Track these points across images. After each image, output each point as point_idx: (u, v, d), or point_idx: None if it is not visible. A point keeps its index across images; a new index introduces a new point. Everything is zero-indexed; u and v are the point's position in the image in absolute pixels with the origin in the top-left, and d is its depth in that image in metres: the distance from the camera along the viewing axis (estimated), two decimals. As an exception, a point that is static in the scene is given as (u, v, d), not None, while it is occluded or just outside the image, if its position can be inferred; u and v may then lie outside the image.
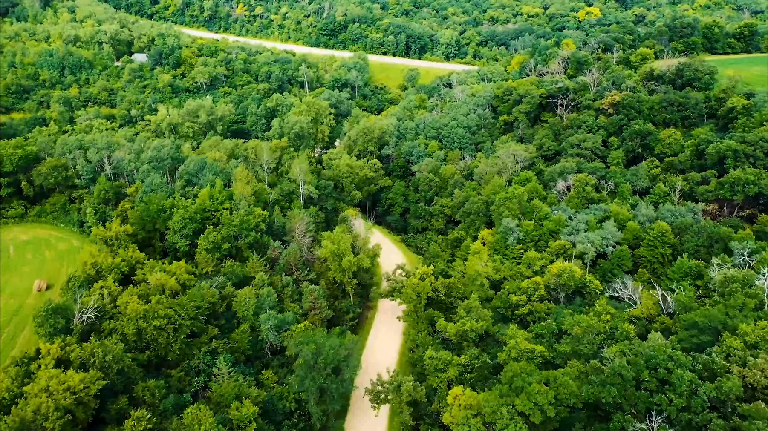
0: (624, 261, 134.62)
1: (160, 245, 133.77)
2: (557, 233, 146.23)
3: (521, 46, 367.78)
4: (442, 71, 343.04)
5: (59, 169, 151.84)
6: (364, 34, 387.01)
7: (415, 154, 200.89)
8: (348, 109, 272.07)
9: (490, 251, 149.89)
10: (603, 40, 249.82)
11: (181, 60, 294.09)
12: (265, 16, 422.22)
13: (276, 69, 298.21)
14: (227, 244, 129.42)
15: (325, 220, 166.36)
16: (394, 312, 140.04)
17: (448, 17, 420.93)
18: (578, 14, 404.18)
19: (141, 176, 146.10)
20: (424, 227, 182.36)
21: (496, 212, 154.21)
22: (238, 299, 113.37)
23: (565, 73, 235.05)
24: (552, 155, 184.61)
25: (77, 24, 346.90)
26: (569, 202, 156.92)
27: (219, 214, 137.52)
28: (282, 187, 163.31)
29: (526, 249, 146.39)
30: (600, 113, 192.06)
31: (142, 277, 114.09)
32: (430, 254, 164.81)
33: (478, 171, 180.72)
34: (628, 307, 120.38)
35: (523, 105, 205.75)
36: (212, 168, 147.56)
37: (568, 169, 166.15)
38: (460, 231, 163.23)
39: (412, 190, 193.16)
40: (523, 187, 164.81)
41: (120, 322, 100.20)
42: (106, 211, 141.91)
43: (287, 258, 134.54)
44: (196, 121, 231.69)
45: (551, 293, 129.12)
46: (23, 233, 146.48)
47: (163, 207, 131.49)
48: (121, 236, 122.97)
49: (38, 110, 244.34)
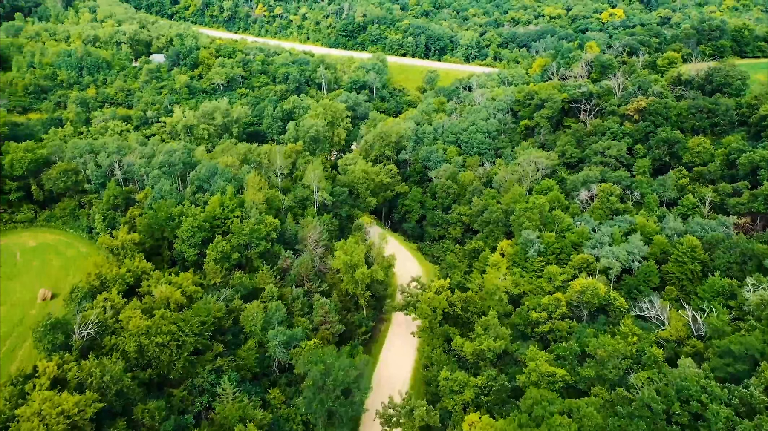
0: (651, 278, 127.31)
1: (168, 254, 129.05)
2: (580, 246, 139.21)
3: (543, 48, 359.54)
4: (462, 73, 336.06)
5: (69, 173, 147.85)
6: (383, 35, 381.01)
7: (432, 159, 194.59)
8: (366, 112, 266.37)
9: (509, 263, 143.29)
10: (628, 42, 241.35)
11: (198, 61, 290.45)
12: (284, 16, 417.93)
13: (294, 70, 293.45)
14: (237, 254, 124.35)
15: (339, 228, 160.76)
16: (408, 325, 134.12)
17: (469, 18, 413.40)
18: (601, 16, 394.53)
19: (151, 182, 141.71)
20: (441, 235, 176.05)
21: (516, 222, 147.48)
22: (245, 313, 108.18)
23: (588, 77, 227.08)
24: (575, 163, 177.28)
25: (97, 24, 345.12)
26: (593, 213, 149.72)
27: (229, 221, 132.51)
28: (295, 193, 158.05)
29: (547, 262, 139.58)
30: (625, 119, 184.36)
31: (147, 289, 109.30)
32: (446, 264, 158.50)
33: (497, 178, 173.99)
34: (656, 328, 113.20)
35: (545, 110, 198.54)
36: (224, 174, 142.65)
37: (591, 177, 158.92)
38: (478, 242, 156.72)
39: (429, 197, 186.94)
40: (544, 196, 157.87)
41: (122, 338, 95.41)
42: (115, 217, 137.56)
43: (298, 269, 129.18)
44: (211, 123, 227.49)
45: (573, 310, 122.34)
46: (31, 238, 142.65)
47: (171, 215, 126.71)
48: (127, 245, 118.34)
49: (55, 111, 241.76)
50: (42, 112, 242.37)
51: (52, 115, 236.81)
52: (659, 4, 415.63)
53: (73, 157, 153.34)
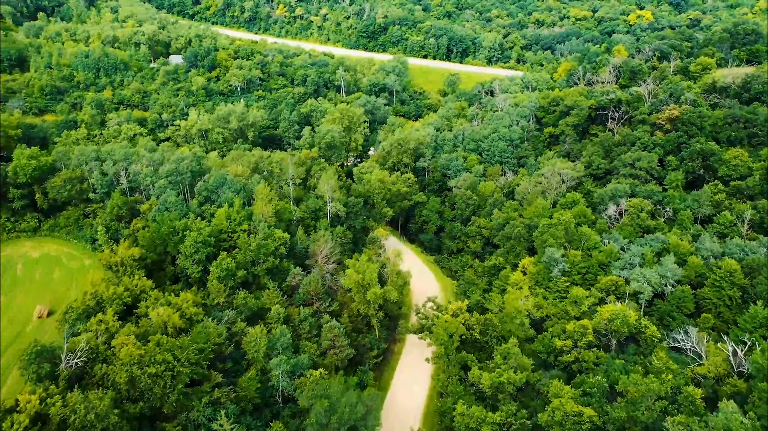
0: (685, 304, 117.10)
1: (172, 269, 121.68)
2: (608, 266, 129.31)
3: (568, 51, 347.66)
4: (484, 76, 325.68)
5: (74, 182, 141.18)
6: (404, 36, 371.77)
7: (452, 167, 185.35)
8: (384, 116, 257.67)
9: (531, 283, 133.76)
10: (658, 47, 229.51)
11: (216, 62, 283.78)
12: (305, 17, 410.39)
13: (312, 72, 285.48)
14: (242, 272, 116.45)
15: (353, 240, 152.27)
16: (423, 347, 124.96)
17: (492, 20, 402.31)
18: (629, 18, 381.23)
19: (157, 192, 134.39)
20: (459, 248, 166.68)
21: (539, 239, 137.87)
22: (248, 338, 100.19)
23: (616, 83, 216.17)
24: (602, 174, 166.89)
25: (117, 24, 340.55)
26: (621, 230, 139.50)
27: (236, 236, 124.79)
28: (308, 203, 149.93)
29: (572, 282, 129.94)
30: (656, 129, 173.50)
31: (145, 310, 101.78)
32: (464, 281, 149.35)
33: (519, 190, 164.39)
34: (692, 362, 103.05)
35: (571, 117, 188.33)
36: (232, 184, 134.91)
37: (620, 191, 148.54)
38: (499, 258, 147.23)
39: (447, 207, 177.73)
40: (569, 210, 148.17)
41: (113, 367, 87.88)
42: (118, 229, 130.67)
43: (307, 287, 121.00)
44: (226, 127, 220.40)
45: (601, 338, 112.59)
46: (34, 249, 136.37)
47: (175, 228, 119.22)
48: (126, 261, 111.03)
49: (70, 113, 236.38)
50: (57, 113, 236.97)
51: (67, 117, 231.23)
52: (689, 6, 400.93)
53: (78, 165, 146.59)
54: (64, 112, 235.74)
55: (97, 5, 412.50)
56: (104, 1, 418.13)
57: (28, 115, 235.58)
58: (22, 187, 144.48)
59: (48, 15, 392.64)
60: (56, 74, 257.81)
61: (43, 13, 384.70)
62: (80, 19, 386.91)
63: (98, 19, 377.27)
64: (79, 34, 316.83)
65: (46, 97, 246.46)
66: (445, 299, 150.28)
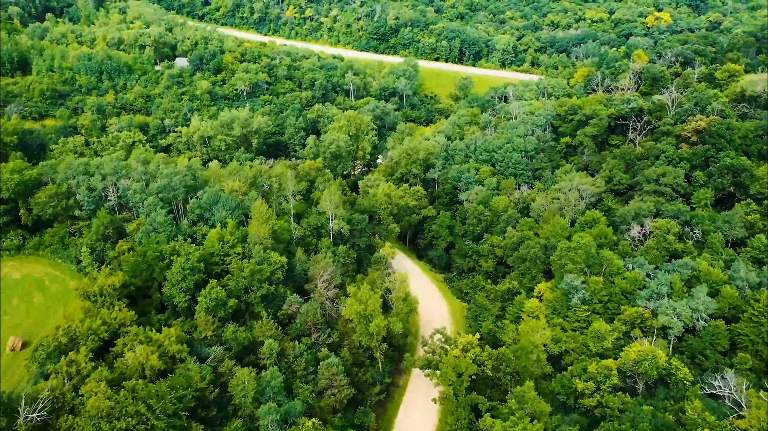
0: (719, 340, 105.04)
1: (159, 296, 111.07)
2: (632, 294, 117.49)
3: (583, 54, 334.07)
4: (497, 80, 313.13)
5: (59, 197, 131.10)
6: (416, 38, 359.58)
7: (463, 180, 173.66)
8: (394, 121, 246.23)
9: (547, 311, 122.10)
10: (681, 52, 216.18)
11: (222, 65, 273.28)
12: (315, 18, 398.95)
13: (320, 76, 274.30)
14: (234, 301, 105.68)
15: (357, 260, 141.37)
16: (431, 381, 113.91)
17: (506, 21, 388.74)
18: (646, 20, 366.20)
19: (146, 210, 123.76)
20: (470, 267, 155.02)
21: (557, 263, 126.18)
22: (234, 381, 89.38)
23: (637, 90, 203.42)
24: (623, 190, 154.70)
25: (122, 26, 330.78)
26: (646, 253, 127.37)
27: (229, 259, 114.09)
28: (309, 220, 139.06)
29: (593, 311, 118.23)
30: (681, 141, 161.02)
31: (122, 348, 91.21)
32: (476, 305, 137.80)
33: (535, 206, 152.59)
34: (730, 412, 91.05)
35: (590, 127, 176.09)
36: (227, 202, 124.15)
37: (644, 210, 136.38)
38: (513, 281, 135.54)
39: (458, 221, 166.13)
40: (589, 229, 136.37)
41: (79, 419, 77.37)
42: (104, 250, 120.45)
43: (305, 317, 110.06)
44: (229, 134, 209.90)
45: (626, 380, 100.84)
46: (16, 269, 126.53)
47: (161, 253, 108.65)
48: (106, 291, 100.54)
49: (70, 118, 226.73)
50: (57, 118, 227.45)
51: (67, 122, 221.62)
52: (709, 8, 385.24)
53: (65, 179, 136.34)
54: (64, 116, 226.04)
55: (105, 6, 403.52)
56: (113, 2, 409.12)
57: (28, 120, 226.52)
58: (5, 202, 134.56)
59: (57, 16, 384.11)
60: (58, 77, 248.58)
61: (51, 14, 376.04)
62: (89, 20, 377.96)
63: (106, 20, 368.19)
64: (85, 36, 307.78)
65: (46, 101, 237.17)
66: (454, 324, 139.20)
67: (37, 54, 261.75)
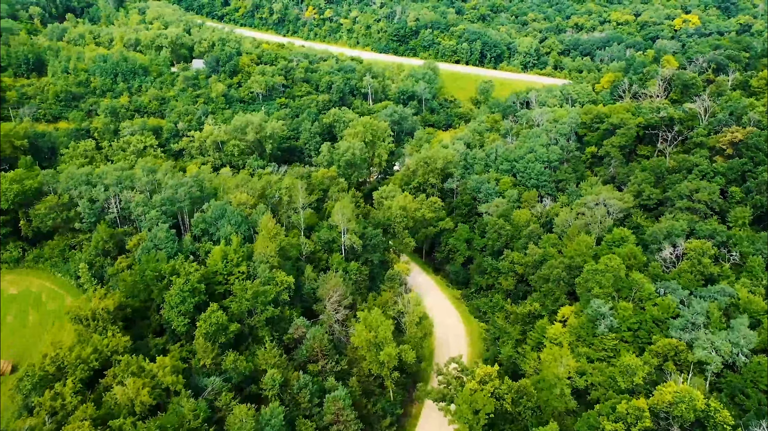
0: (761, 377, 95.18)
1: (157, 318, 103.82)
2: (664, 323, 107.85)
3: (608, 57, 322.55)
4: (519, 83, 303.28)
5: (59, 209, 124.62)
6: (436, 40, 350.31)
7: (483, 191, 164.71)
8: (412, 127, 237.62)
9: (572, 338, 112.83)
10: (713, 57, 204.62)
11: (238, 68, 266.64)
12: (334, 19, 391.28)
13: (338, 79, 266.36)
14: (236, 325, 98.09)
15: (370, 276, 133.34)
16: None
17: (528, 23, 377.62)
18: (674, 22, 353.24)
19: (148, 224, 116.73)
20: (489, 285, 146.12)
21: (583, 286, 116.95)
22: (231, 419, 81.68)
23: (666, 98, 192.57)
24: (653, 205, 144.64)
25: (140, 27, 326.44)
26: (680, 277, 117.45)
27: (233, 278, 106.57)
28: (320, 234, 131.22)
29: (622, 339, 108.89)
30: (715, 153, 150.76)
31: (112, 380, 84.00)
32: (494, 328, 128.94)
33: (559, 221, 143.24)
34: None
35: (617, 137, 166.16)
36: (233, 216, 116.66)
37: (677, 230, 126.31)
38: (535, 304, 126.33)
39: (477, 234, 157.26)
40: (617, 247, 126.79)
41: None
42: (104, 266, 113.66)
43: (311, 343, 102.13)
44: (243, 138, 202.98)
45: (659, 422, 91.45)
46: (13, 284, 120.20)
47: (160, 272, 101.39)
48: (99, 315, 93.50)
49: (84, 120, 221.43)
50: (70, 121, 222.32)
51: (80, 125, 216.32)
52: (739, 10, 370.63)
53: (67, 189, 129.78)
54: (78, 119, 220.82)
55: (126, 6, 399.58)
56: (133, 2, 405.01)
57: (41, 122, 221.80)
58: (4, 212, 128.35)
59: (77, 16, 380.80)
60: (73, 79, 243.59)
61: (71, 14, 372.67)
62: (108, 20, 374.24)
63: (126, 21, 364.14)
64: (103, 37, 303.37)
65: (60, 104, 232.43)
66: (471, 347, 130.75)
67: (53, 55, 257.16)
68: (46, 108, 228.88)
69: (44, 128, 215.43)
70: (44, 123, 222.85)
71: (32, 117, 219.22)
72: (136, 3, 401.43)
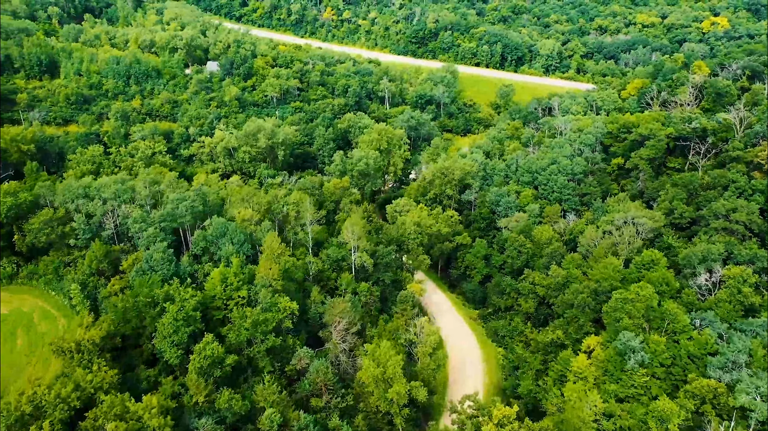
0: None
1: (150, 347, 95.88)
2: (701, 360, 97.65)
3: (633, 61, 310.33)
4: (540, 87, 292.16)
5: (54, 223, 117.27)
6: (455, 42, 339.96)
7: (503, 204, 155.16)
8: (430, 132, 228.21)
9: (598, 373, 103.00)
10: (748, 64, 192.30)
11: (252, 70, 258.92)
12: (352, 20, 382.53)
13: (354, 82, 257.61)
14: (233, 357, 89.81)
15: (381, 298, 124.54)
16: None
17: (550, 25, 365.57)
18: (702, 25, 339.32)
19: (145, 242, 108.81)
20: (508, 306, 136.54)
21: (611, 316, 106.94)
22: (222, 468, 73.56)
23: (698, 106, 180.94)
24: (686, 224, 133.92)
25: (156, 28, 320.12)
26: (717, 307, 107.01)
27: (233, 303, 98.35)
28: (329, 252, 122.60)
29: (653, 375, 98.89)
30: (753, 169, 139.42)
31: (92, 425, 76.01)
32: (514, 356, 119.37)
33: (584, 241, 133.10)
34: None
35: (646, 149, 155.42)
36: (235, 235, 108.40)
37: (713, 254, 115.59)
38: (557, 331, 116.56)
39: (495, 250, 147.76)
40: (647, 270, 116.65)
41: None
42: (98, 286, 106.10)
43: (315, 376, 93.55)
44: (254, 145, 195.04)
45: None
46: (5, 302, 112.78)
47: (154, 298, 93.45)
48: (84, 346, 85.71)
49: (94, 124, 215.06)
50: (80, 125, 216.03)
51: (90, 129, 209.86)
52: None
53: (63, 202, 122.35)
54: (88, 123, 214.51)
55: (144, 6, 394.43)
56: (152, 2, 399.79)
57: (51, 126, 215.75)
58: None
59: (96, 16, 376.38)
60: (85, 81, 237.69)
61: (90, 15, 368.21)
62: (126, 21, 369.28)
63: (143, 21, 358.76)
64: (118, 38, 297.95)
65: (71, 107, 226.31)
66: (488, 375, 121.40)
67: (66, 57, 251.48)
68: (57, 111, 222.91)
69: (54, 132, 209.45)
70: (54, 126, 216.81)
71: (43, 120, 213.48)
72: (154, 3, 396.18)
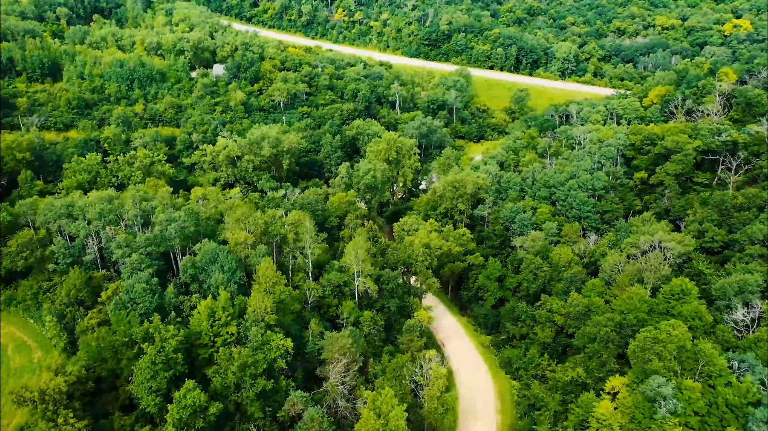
0: None
1: (127, 390, 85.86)
2: (740, 409, 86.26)
3: (652, 64, 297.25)
4: (557, 92, 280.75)
5: (33, 246, 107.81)
6: (469, 45, 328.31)
7: (518, 221, 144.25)
8: (441, 139, 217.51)
9: (624, 419, 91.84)
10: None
11: (260, 74, 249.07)
12: (364, 22, 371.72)
13: (364, 87, 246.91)
14: (217, 405, 79.71)
15: (386, 326, 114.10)
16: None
17: (567, 27, 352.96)
18: (723, 27, 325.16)
19: (128, 269, 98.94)
20: (522, 335, 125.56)
21: (639, 356, 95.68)
22: None
23: (726, 116, 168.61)
24: (718, 248, 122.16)
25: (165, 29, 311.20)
26: (757, 347, 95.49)
27: (221, 341, 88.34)
28: (330, 277, 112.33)
29: (686, 424, 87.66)
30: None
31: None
32: (530, 394, 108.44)
33: (606, 266, 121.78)
34: None
35: (672, 164, 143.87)
36: (226, 261, 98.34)
37: (751, 285, 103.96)
38: (578, 368, 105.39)
39: (509, 270, 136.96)
40: (676, 301, 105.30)
41: None
42: (76, 318, 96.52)
43: (309, 425, 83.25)
44: (258, 153, 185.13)
45: None
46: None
47: (132, 337, 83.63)
48: (50, 396, 75.90)
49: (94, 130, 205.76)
50: (80, 130, 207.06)
51: (90, 135, 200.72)
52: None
53: (45, 222, 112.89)
54: (88, 128, 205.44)
55: (153, 7, 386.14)
56: (161, 3, 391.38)
57: (51, 131, 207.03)
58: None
59: (105, 17, 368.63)
60: (87, 85, 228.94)
61: (99, 15, 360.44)
62: (135, 22, 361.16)
63: (152, 22, 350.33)
64: (125, 40, 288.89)
65: (72, 111, 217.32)
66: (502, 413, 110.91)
67: (69, 59, 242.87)
68: (58, 116, 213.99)
69: (54, 138, 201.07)
70: (54, 132, 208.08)
71: (42, 125, 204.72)
72: (163, 4, 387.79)
